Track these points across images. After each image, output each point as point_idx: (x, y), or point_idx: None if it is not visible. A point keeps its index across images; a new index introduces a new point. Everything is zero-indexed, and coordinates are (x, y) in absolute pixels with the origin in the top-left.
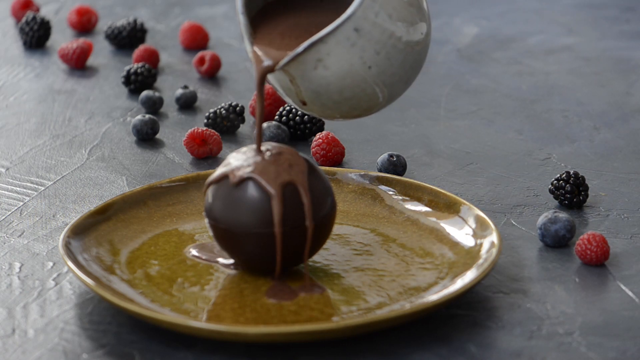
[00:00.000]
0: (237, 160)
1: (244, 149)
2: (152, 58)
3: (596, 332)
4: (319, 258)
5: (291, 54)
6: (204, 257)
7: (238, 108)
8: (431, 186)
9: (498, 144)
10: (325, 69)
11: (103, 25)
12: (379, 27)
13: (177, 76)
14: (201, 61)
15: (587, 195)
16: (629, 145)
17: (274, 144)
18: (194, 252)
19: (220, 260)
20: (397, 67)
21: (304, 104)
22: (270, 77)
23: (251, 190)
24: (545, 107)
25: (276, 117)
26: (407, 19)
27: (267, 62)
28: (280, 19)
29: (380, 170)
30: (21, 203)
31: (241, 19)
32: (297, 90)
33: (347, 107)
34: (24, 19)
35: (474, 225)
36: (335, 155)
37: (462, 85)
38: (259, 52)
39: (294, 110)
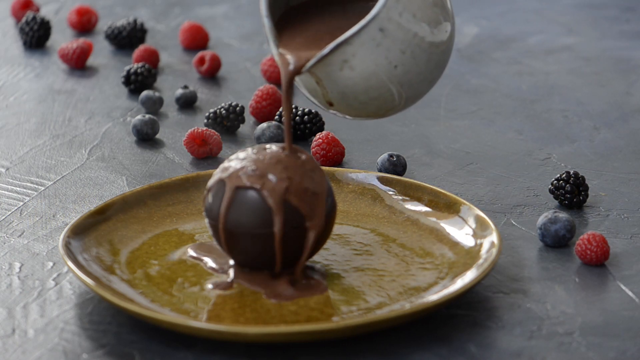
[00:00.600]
0: (238, 163)
1: (245, 151)
2: (152, 58)
3: (596, 332)
4: (319, 258)
5: (317, 55)
6: (200, 258)
7: (238, 108)
8: (431, 186)
9: (498, 144)
10: (351, 70)
11: (103, 25)
12: (403, 27)
13: (177, 76)
14: (201, 61)
15: (587, 195)
16: (629, 145)
17: (275, 144)
18: (190, 251)
19: (209, 262)
20: (423, 66)
21: (331, 104)
22: (296, 79)
23: (251, 193)
24: (545, 107)
25: (276, 117)
26: (431, 19)
27: (293, 65)
28: (304, 24)
29: (380, 170)
30: (21, 203)
31: (266, 22)
32: (323, 92)
33: (373, 107)
34: (24, 19)
35: (474, 225)
36: (335, 155)
37: (462, 85)
38: (286, 55)
39: (294, 110)
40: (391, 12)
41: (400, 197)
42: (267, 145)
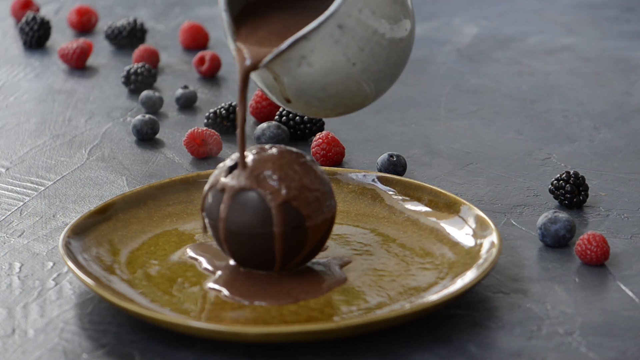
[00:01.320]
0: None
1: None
2: (152, 58)
3: (596, 332)
4: (318, 258)
5: (275, 51)
6: (196, 258)
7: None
8: (431, 186)
9: (498, 144)
10: (309, 66)
11: (103, 25)
12: (362, 24)
13: (177, 76)
14: (201, 61)
15: (587, 195)
16: (629, 145)
17: (275, 145)
18: (189, 251)
19: (204, 263)
20: (382, 63)
21: (288, 101)
22: (254, 75)
23: (251, 193)
24: (545, 107)
25: (276, 117)
26: (391, 16)
27: (250, 60)
28: (263, 20)
29: (380, 170)
30: (21, 203)
31: (224, 17)
32: (281, 88)
33: (331, 104)
34: (24, 19)
35: (474, 225)
36: (335, 155)
37: (462, 85)
38: (243, 50)
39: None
40: (350, 9)
41: (400, 197)
42: (267, 146)
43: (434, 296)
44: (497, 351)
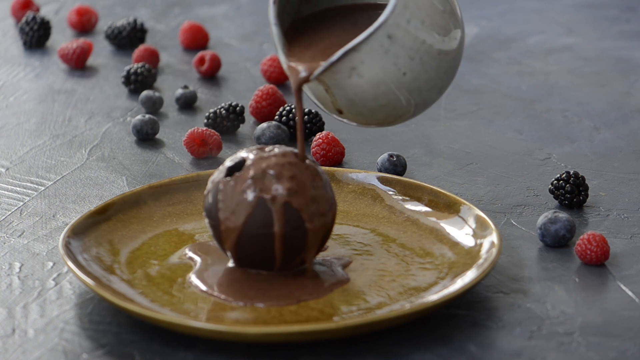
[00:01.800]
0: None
1: (247, 151)
2: (152, 58)
3: (596, 332)
4: (319, 258)
5: (325, 63)
6: (192, 259)
7: (238, 108)
8: (431, 186)
9: (498, 144)
10: (359, 77)
11: (103, 25)
12: (411, 34)
13: (177, 76)
14: (201, 61)
15: (587, 195)
16: (629, 145)
17: (277, 146)
18: (187, 252)
19: (198, 264)
20: (432, 73)
21: (340, 112)
22: (305, 87)
23: (252, 194)
24: (545, 107)
25: (276, 117)
26: (440, 26)
27: (303, 73)
28: (314, 34)
29: (380, 170)
30: (21, 203)
31: (274, 30)
32: (332, 100)
33: (382, 114)
34: (24, 19)
35: (474, 225)
36: (335, 155)
37: (462, 85)
38: (294, 63)
39: (293, 110)
40: (399, 19)
41: (400, 197)
42: (268, 147)
43: (434, 296)
44: (497, 351)
